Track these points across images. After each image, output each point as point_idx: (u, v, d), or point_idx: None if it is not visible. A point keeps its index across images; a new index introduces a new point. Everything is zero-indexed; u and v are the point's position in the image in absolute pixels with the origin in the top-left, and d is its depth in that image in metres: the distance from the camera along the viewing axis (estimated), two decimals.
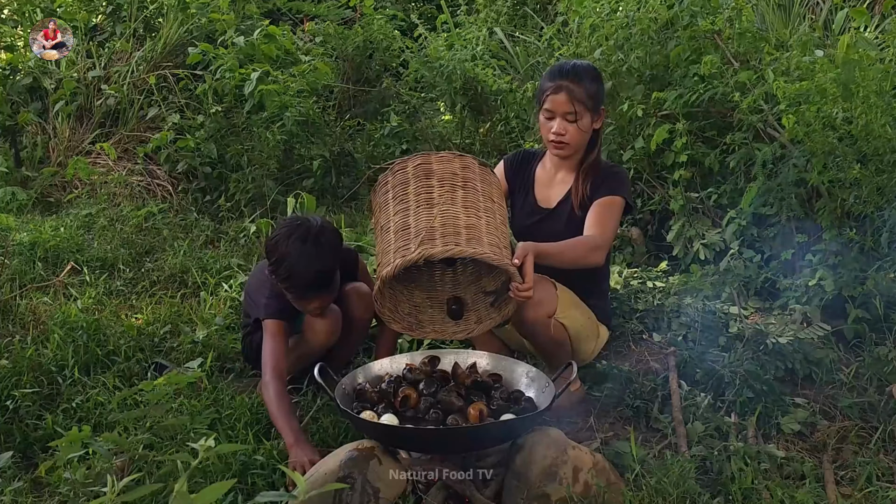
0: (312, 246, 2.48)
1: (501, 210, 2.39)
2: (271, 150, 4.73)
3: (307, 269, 2.48)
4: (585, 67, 2.70)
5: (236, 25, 5.31)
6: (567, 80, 2.61)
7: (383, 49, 5.67)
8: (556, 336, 2.55)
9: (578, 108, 2.60)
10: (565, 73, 2.63)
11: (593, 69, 2.72)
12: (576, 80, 2.61)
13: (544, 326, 2.50)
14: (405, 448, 2.20)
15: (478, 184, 2.34)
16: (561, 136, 2.64)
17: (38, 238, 3.92)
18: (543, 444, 2.09)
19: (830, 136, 2.85)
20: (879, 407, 2.58)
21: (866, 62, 2.70)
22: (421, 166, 2.33)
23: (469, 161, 2.37)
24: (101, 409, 2.54)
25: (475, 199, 2.29)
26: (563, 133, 2.64)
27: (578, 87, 2.60)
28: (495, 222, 2.30)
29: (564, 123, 2.63)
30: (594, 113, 2.66)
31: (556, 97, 2.62)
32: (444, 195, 2.27)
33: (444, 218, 2.22)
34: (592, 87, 2.63)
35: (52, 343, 2.90)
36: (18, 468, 2.31)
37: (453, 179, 2.30)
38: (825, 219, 3.09)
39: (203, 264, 3.89)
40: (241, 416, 2.47)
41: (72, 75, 5.41)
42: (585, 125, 2.64)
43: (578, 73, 2.63)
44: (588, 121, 2.65)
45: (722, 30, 3.55)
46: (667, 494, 2.05)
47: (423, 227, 2.20)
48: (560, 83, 2.62)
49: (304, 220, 2.58)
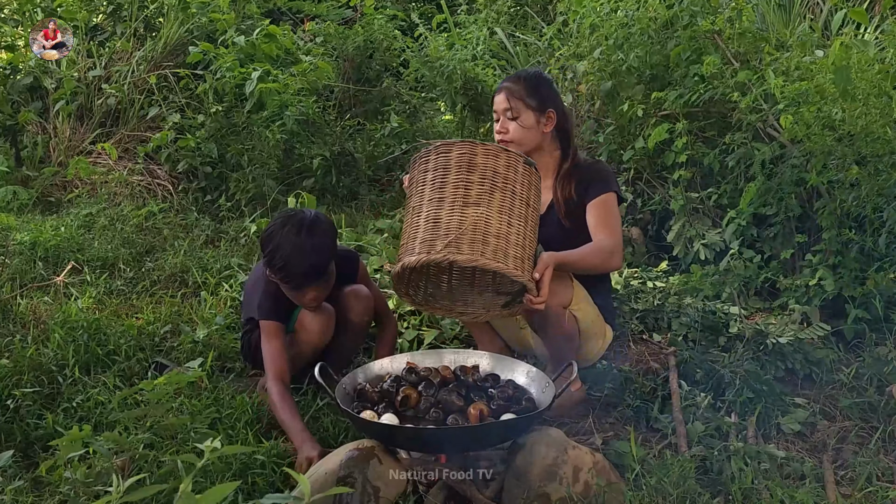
0: (307, 236, 2.49)
1: (535, 215, 2.35)
2: (272, 150, 4.73)
3: (301, 260, 2.48)
4: (528, 71, 2.79)
5: (237, 25, 5.32)
6: (507, 82, 2.72)
7: (384, 49, 5.67)
8: (568, 328, 2.53)
9: (515, 104, 2.65)
10: (507, 78, 2.76)
11: (538, 73, 2.78)
12: (514, 80, 2.71)
13: (559, 316, 2.49)
14: (405, 448, 2.20)
15: (517, 186, 2.30)
16: (503, 135, 2.69)
17: (38, 237, 3.92)
18: (544, 444, 2.09)
19: (829, 136, 2.85)
20: (879, 407, 2.58)
21: (863, 64, 2.70)
22: (465, 156, 2.28)
23: (514, 159, 2.32)
24: (101, 409, 2.54)
25: (511, 204, 2.26)
26: (505, 131, 2.68)
27: (516, 86, 2.67)
28: (525, 230, 2.27)
29: (505, 122, 2.69)
30: (538, 113, 2.67)
31: (496, 97, 2.72)
32: (482, 196, 2.23)
33: (477, 222, 2.19)
34: (532, 87, 2.67)
35: (52, 342, 2.90)
36: (19, 467, 2.31)
37: (494, 179, 2.27)
38: (825, 219, 3.09)
39: (203, 264, 3.89)
40: (241, 415, 2.48)
41: (72, 75, 5.41)
42: (527, 122, 2.66)
43: (519, 76, 2.74)
44: (531, 119, 2.66)
45: (722, 30, 3.55)
46: (667, 494, 2.06)
47: (454, 227, 2.18)
48: (501, 85, 2.73)
49: (297, 212, 2.59)
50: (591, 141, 4.15)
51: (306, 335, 2.64)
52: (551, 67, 4.47)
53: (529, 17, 6.18)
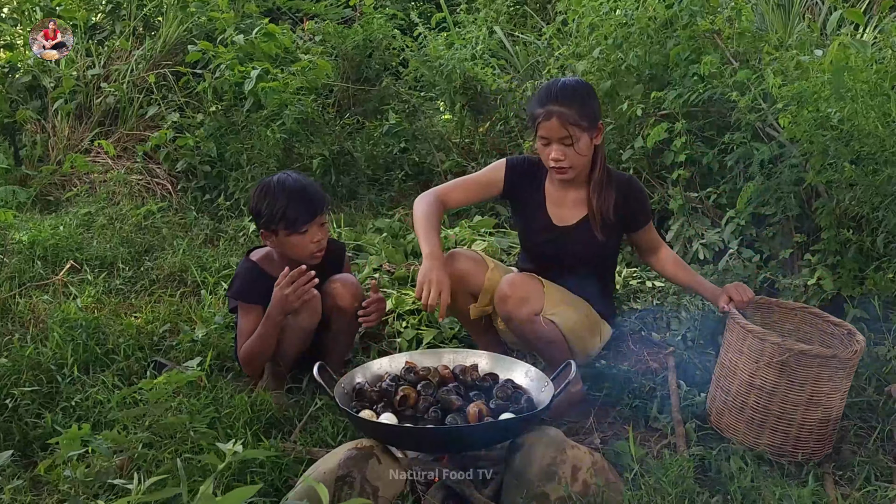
0: (298, 178, 2.70)
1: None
2: (271, 149, 4.73)
3: (303, 194, 2.64)
4: (574, 86, 2.55)
5: (236, 24, 5.31)
6: (556, 105, 2.48)
7: (383, 48, 5.67)
8: (548, 334, 2.54)
9: (573, 132, 2.49)
10: (553, 97, 2.50)
11: (583, 85, 2.58)
12: (565, 103, 2.48)
13: (530, 323, 2.50)
14: (404, 447, 2.20)
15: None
16: (560, 162, 2.54)
17: (37, 236, 3.92)
18: (542, 444, 2.10)
19: (825, 136, 2.85)
20: (878, 407, 2.59)
21: (860, 64, 2.70)
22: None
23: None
24: (100, 408, 2.54)
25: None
26: (562, 158, 2.53)
27: (569, 110, 2.48)
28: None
29: (562, 148, 2.52)
30: (591, 131, 2.54)
31: (547, 123, 2.50)
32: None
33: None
34: (585, 106, 2.51)
35: (51, 341, 2.90)
36: (18, 466, 2.31)
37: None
38: (823, 219, 3.09)
39: (202, 263, 3.89)
40: (240, 414, 2.48)
41: (71, 73, 5.41)
42: (583, 147, 2.54)
43: (567, 95, 2.50)
44: (586, 141, 2.54)
45: (721, 29, 3.55)
46: (665, 493, 2.06)
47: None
48: (550, 108, 2.49)
49: (280, 173, 2.73)
50: None
51: (295, 320, 2.65)
52: (550, 67, 4.47)
53: (529, 16, 6.19)
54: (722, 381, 2.48)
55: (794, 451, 2.34)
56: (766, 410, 2.34)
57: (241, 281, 2.72)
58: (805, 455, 2.33)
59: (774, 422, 2.34)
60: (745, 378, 2.37)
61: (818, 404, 2.30)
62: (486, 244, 3.81)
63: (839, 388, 2.32)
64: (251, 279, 2.70)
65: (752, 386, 2.36)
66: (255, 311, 2.67)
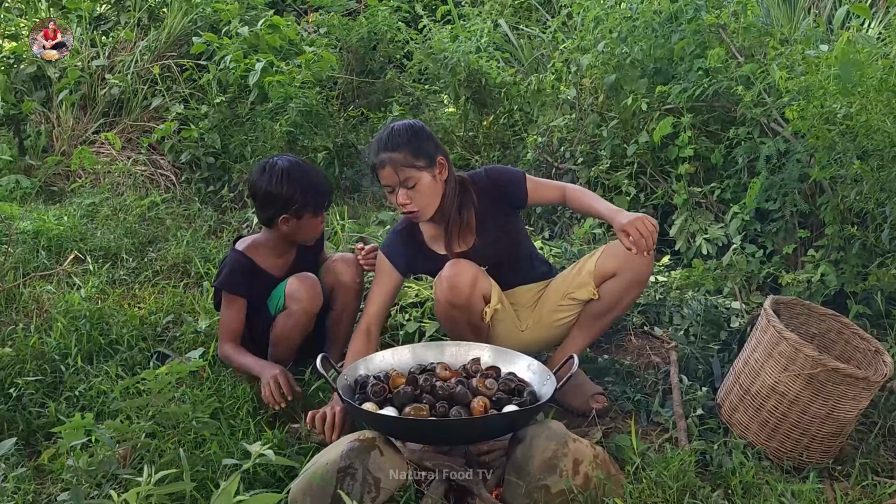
0: (302, 161, 2.78)
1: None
2: (275, 141, 4.73)
3: (320, 175, 2.78)
4: (402, 130, 2.53)
5: (240, 15, 5.31)
6: (387, 153, 2.49)
7: (387, 40, 5.66)
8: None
9: (410, 174, 2.48)
10: (383, 146, 2.51)
11: (413, 127, 2.54)
12: (396, 149, 2.48)
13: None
14: (406, 439, 2.21)
15: None
16: (407, 205, 2.52)
17: (41, 227, 3.93)
18: (544, 437, 2.10)
19: (831, 131, 2.85)
20: (879, 403, 2.59)
21: (866, 59, 2.69)
22: None
23: None
24: (103, 398, 2.55)
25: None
26: (408, 201, 2.51)
27: (401, 154, 2.47)
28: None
29: (405, 192, 2.51)
30: (430, 169, 2.52)
31: (383, 172, 2.50)
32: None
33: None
34: (417, 148, 2.50)
35: (55, 331, 2.91)
36: (21, 455, 2.33)
37: None
38: (828, 214, 3.08)
39: (206, 254, 3.90)
40: (242, 405, 2.48)
41: (76, 64, 5.41)
42: (427, 186, 2.52)
43: (396, 141, 2.49)
44: (428, 180, 2.52)
45: (727, 24, 3.54)
46: (667, 487, 2.06)
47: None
48: (381, 158, 2.49)
49: (276, 157, 2.76)
50: (595, 135, 4.14)
51: (298, 303, 2.67)
52: (555, 61, 4.46)
53: (534, 9, 6.17)
54: (742, 378, 2.46)
55: (799, 456, 2.33)
56: (784, 417, 2.32)
57: (230, 271, 2.71)
58: (810, 460, 2.33)
59: (789, 429, 2.32)
60: (769, 381, 2.34)
61: (836, 419, 2.29)
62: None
63: (859, 406, 2.30)
64: (240, 270, 2.71)
65: (774, 390, 2.33)
66: (238, 302, 2.70)
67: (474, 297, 2.52)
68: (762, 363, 2.38)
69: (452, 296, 2.50)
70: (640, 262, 2.53)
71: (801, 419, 2.30)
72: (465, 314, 2.54)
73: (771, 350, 2.35)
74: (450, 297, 2.50)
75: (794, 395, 2.29)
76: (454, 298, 2.50)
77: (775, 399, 2.33)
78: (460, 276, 2.50)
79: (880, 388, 2.41)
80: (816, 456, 2.33)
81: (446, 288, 2.50)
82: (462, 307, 2.51)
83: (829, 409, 2.27)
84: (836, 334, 2.62)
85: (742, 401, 2.43)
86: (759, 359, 2.40)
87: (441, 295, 2.52)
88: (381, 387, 2.23)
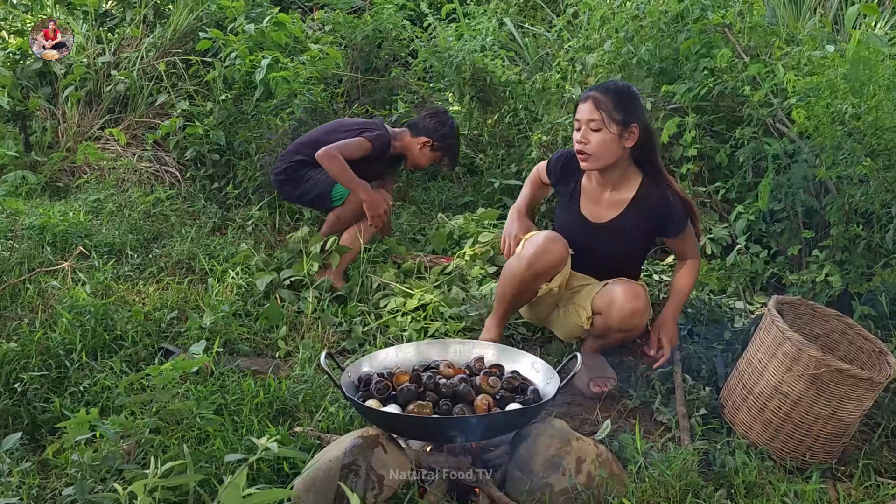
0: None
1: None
2: (280, 138, 4.73)
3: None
4: (619, 84, 2.71)
5: (246, 12, 5.31)
6: (595, 91, 2.65)
7: (392, 38, 5.65)
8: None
9: (602, 116, 2.61)
10: (596, 87, 2.69)
11: (629, 88, 2.71)
12: (603, 91, 2.64)
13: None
14: (410, 437, 2.21)
15: None
16: (583, 145, 2.64)
17: (46, 222, 3.94)
18: (547, 435, 2.10)
19: (839, 130, 2.84)
20: (883, 403, 2.59)
21: (876, 59, 2.69)
22: None
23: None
24: (108, 393, 2.56)
25: None
26: (586, 142, 2.64)
27: (604, 97, 2.62)
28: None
29: (588, 132, 2.64)
30: (622, 127, 2.63)
31: (582, 105, 2.67)
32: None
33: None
34: (622, 101, 2.63)
35: (60, 327, 2.92)
36: (26, 450, 2.33)
37: None
38: (832, 215, 3.08)
39: (210, 251, 3.90)
40: (247, 401, 2.49)
41: (81, 61, 5.41)
42: (607, 139, 2.63)
43: (608, 87, 2.66)
44: (614, 132, 2.62)
45: (732, 23, 3.54)
46: (669, 486, 2.06)
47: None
48: (588, 93, 2.67)
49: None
50: None
51: (374, 209, 3.59)
52: (560, 60, 4.45)
53: (539, 7, 6.16)
54: (746, 378, 2.46)
55: (802, 456, 2.33)
56: (787, 417, 2.33)
57: (379, 135, 3.78)
58: (813, 460, 2.33)
59: (792, 429, 2.33)
60: (772, 382, 2.35)
61: (839, 420, 2.29)
62: (493, 236, 3.81)
63: (862, 407, 2.31)
64: (382, 142, 3.77)
65: (777, 390, 2.34)
66: (365, 147, 3.71)
67: (549, 273, 2.74)
68: (766, 363, 2.38)
69: (536, 260, 2.70)
70: (625, 318, 2.69)
71: (804, 419, 2.30)
72: (530, 279, 2.74)
73: (775, 350, 2.35)
74: (533, 261, 2.69)
75: (797, 395, 2.29)
76: (536, 263, 2.70)
77: (778, 399, 2.33)
78: (551, 253, 2.71)
79: (884, 388, 2.41)
80: (819, 456, 2.33)
81: (540, 252, 2.70)
82: (534, 275, 2.73)
83: (832, 410, 2.26)
84: (840, 335, 2.62)
85: (745, 401, 2.43)
86: (762, 359, 2.40)
87: (526, 252, 2.71)
88: (385, 384, 2.24)
